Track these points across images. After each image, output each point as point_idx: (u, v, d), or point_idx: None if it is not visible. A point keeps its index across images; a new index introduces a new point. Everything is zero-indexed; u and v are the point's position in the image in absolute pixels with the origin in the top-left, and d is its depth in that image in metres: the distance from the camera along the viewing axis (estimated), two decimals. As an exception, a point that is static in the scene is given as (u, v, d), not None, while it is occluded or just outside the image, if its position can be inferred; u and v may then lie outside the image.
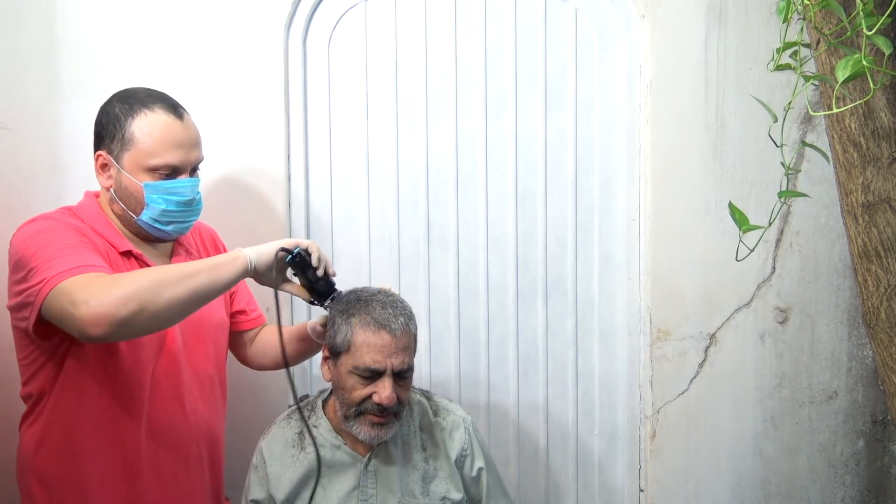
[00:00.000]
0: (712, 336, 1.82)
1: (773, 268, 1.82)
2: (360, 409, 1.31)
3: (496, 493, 1.47)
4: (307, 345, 1.48)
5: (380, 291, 1.37)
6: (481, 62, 1.80)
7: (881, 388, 1.73)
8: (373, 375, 1.29)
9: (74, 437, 1.26)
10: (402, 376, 1.32)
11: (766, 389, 1.84)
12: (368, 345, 1.29)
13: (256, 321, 1.57)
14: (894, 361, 1.53)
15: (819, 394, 1.86)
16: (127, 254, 1.29)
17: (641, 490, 1.86)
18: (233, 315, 1.52)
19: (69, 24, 1.68)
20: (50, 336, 1.20)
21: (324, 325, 1.39)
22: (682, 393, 1.82)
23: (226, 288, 1.20)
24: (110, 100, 1.30)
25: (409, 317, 1.35)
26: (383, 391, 1.28)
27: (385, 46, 1.78)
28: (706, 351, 1.83)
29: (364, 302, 1.33)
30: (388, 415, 1.31)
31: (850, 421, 1.87)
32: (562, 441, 1.87)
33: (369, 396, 1.30)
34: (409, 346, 1.33)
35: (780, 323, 1.83)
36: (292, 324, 1.75)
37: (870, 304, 1.56)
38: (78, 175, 1.68)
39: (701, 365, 1.83)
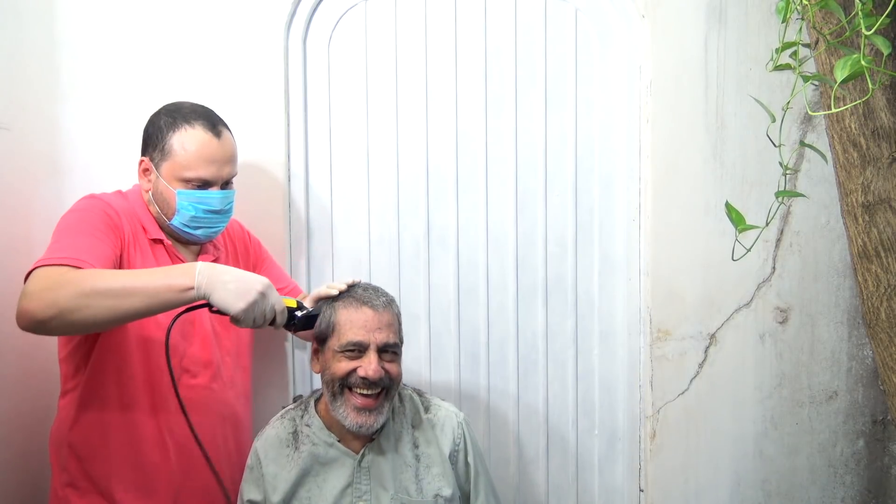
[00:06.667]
0: (712, 336, 1.82)
1: (773, 268, 1.82)
2: (345, 383, 1.32)
3: (486, 490, 1.48)
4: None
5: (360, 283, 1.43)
6: (481, 62, 1.80)
7: (881, 388, 1.73)
8: (357, 351, 1.32)
9: (106, 411, 1.34)
10: (387, 352, 1.34)
11: (766, 389, 1.84)
12: (351, 321, 1.33)
13: (292, 294, 1.60)
14: (894, 361, 1.53)
15: (819, 394, 1.85)
16: (157, 241, 1.39)
17: (641, 490, 1.86)
18: None
19: (69, 24, 1.68)
20: None
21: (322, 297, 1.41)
22: (682, 393, 1.82)
23: (163, 310, 1.16)
24: (159, 111, 1.40)
25: (391, 299, 1.40)
26: (368, 364, 1.31)
27: (385, 46, 1.78)
28: (706, 351, 1.83)
29: (347, 289, 1.39)
30: (374, 394, 1.32)
31: (850, 421, 1.87)
32: (562, 441, 1.87)
33: (354, 370, 1.32)
34: (393, 324, 1.36)
35: (780, 323, 1.83)
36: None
37: (870, 304, 1.56)
38: (77, 175, 1.68)
39: (701, 365, 1.83)
